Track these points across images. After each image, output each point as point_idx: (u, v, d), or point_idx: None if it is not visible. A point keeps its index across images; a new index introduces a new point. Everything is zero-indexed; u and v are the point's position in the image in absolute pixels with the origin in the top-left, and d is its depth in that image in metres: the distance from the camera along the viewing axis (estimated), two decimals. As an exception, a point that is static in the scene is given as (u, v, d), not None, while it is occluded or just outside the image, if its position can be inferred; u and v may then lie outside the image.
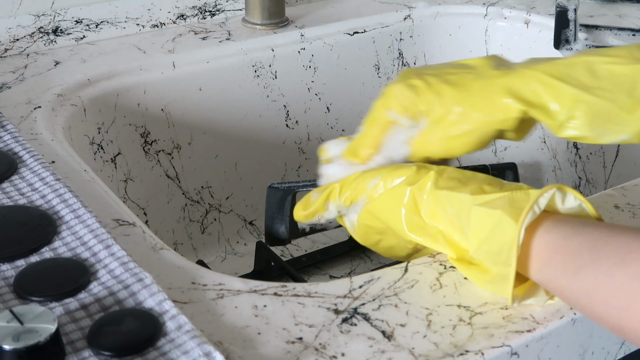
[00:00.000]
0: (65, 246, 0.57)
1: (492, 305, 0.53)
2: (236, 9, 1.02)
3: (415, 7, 1.06)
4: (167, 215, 0.94)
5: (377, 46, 1.03)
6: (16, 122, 0.75)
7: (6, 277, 0.54)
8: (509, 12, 1.05)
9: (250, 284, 0.55)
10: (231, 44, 0.95)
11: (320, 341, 0.50)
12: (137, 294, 0.52)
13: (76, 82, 0.84)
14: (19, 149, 0.68)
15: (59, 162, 0.69)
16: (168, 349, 0.47)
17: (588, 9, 1.05)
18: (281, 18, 0.99)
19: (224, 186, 0.97)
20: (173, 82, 0.91)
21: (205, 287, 0.55)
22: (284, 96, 0.99)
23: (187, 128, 0.93)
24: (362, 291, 0.55)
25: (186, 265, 0.57)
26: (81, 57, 0.90)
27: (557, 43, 0.96)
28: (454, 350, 0.50)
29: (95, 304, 0.51)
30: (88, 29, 0.93)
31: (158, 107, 0.90)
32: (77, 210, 0.60)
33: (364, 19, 1.03)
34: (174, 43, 0.94)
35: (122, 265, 0.54)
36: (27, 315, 0.47)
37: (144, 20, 0.96)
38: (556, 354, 0.53)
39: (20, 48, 0.90)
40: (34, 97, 0.80)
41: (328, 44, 1.00)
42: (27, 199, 0.62)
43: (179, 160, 0.93)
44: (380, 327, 0.51)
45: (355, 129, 0.67)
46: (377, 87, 1.05)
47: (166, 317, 0.50)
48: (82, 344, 0.48)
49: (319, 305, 0.53)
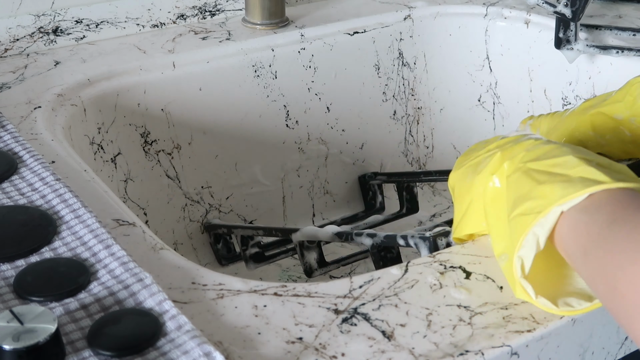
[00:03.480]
0: (65, 246, 0.57)
1: (492, 305, 0.53)
2: (236, 9, 1.02)
3: (415, 7, 1.06)
4: (167, 215, 0.94)
5: (377, 46, 1.03)
6: (16, 122, 0.75)
7: (6, 277, 0.54)
8: (509, 12, 1.05)
9: (250, 284, 0.55)
10: (231, 44, 0.95)
11: (320, 341, 0.50)
12: (137, 294, 0.52)
13: (76, 82, 0.84)
14: (19, 149, 0.68)
15: (59, 162, 0.69)
16: (168, 349, 0.47)
17: (588, 9, 1.05)
18: (281, 18, 0.99)
19: (224, 186, 0.97)
20: (173, 82, 0.91)
21: (205, 287, 0.55)
22: (284, 96, 0.99)
23: (187, 128, 0.93)
24: (362, 291, 0.55)
25: (186, 265, 0.57)
26: (81, 57, 0.90)
27: (558, 43, 0.96)
28: (454, 350, 0.50)
29: (95, 304, 0.51)
30: (88, 29, 0.93)
31: (158, 107, 0.90)
32: (77, 210, 0.60)
33: (364, 19, 1.03)
34: (174, 43, 0.94)
35: (122, 265, 0.54)
36: (27, 315, 0.47)
37: (144, 20, 0.96)
38: (556, 354, 0.53)
39: (20, 48, 0.90)
40: (34, 97, 0.80)
41: (328, 44, 1.00)
42: (27, 199, 0.62)
43: (179, 160, 0.93)
44: (380, 327, 0.51)
45: (355, 129, 0.67)
46: (377, 87, 1.05)
47: (166, 317, 0.50)
48: (82, 344, 0.48)
49: (319, 305, 0.53)
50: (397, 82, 1.07)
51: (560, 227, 0.51)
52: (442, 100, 1.10)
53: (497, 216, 0.56)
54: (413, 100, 1.09)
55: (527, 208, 0.52)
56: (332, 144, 1.04)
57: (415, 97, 1.09)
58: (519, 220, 0.52)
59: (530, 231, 0.51)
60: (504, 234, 0.55)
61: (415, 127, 1.10)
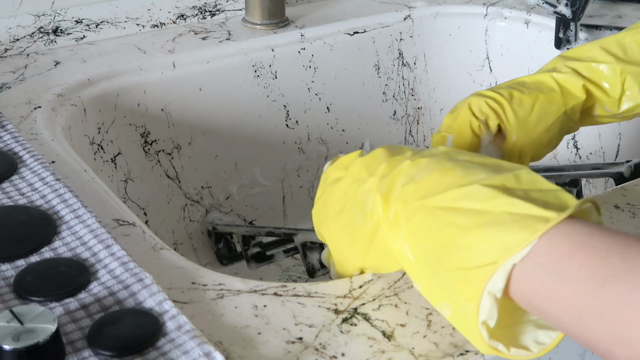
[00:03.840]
0: (65, 246, 0.57)
1: (492, 305, 0.53)
2: (236, 9, 1.02)
3: (415, 7, 1.06)
4: (167, 215, 0.94)
5: (377, 46, 1.03)
6: (16, 122, 0.75)
7: (6, 277, 0.54)
8: (509, 12, 1.05)
9: (250, 284, 0.55)
10: (231, 44, 0.95)
11: (320, 341, 0.50)
12: (137, 294, 0.52)
13: (76, 82, 0.84)
14: (19, 149, 0.68)
15: (59, 162, 0.69)
16: (168, 349, 0.47)
17: (588, 9, 1.05)
18: (281, 18, 0.99)
19: (224, 186, 0.97)
20: (173, 82, 0.91)
21: (205, 287, 0.55)
22: (284, 96, 0.99)
23: (187, 128, 0.93)
24: (362, 291, 0.55)
25: (186, 265, 0.57)
26: (81, 57, 0.90)
27: (558, 43, 0.96)
28: (454, 350, 0.50)
29: (95, 304, 0.51)
30: (88, 29, 0.93)
31: (158, 107, 0.90)
32: (77, 210, 0.60)
33: (364, 19, 1.03)
34: (174, 43, 0.94)
35: (122, 265, 0.54)
36: (27, 315, 0.47)
37: (144, 20, 0.96)
38: (556, 354, 0.53)
39: (20, 48, 0.90)
40: (34, 97, 0.80)
41: (328, 44, 1.00)
42: (27, 199, 0.62)
43: (179, 160, 0.93)
44: (380, 327, 0.51)
45: (355, 129, 0.67)
46: (377, 87, 1.05)
47: (166, 317, 0.50)
48: (82, 344, 0.48)
49: (319, 305, 0.53)
50: (397, 82, 1.07)
51: (518, 281, 0.45)
52: (442, 100, 1.10)
53: (411, 260, 0.51)
54: (413, 100, 1.09)
55: (462, 260, 0.46)
56: (332, 144, 1.04)
57: (415, 97, 1.09)
58: (456, 274, 0.47)
59: (484, 293, 0.45)
60: (432, 282, 0.49)
61: (415, 127, 1.10)
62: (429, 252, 0.49)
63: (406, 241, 0.50)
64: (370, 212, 0.53)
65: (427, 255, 0.49)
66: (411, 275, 0.51)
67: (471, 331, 0.47)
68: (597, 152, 0.99)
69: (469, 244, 0.46)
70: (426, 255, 0.49)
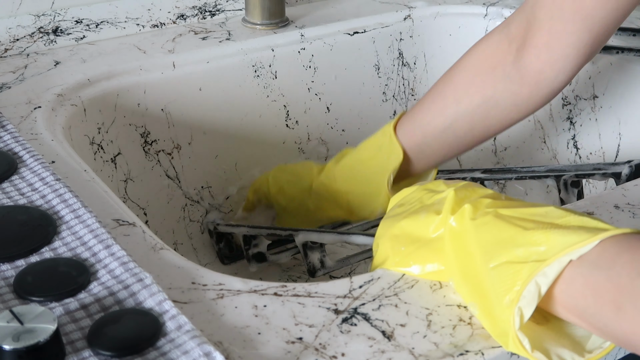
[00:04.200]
0: (65, 246, 0.57)
1: (492, 305, 0.53)
2: (236, 9, 1.02)
3: (415, 7, 1.06)
4: (167, 215, 0.94)
5: (377, 46, 1.03)
6: (16, 122, 0.75)
7: (6, 277, 0.54)
8: (509, 12, 1.05)
9: (250, 284, 0.55)
10: (231, 44, 0.95)
11: (320, 341, 0.50)
12: (137, 294, 0.52)
13: (76, 82, 0.84)
14: (19, 149, 0.68)
15: (59, 162, 0.69)
16: (168, 349, 0.47)
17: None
18: (281, 18, 0.99)
19: (224, 186, 0.97)
20: (173, 82, 0.91)
21: (205, 287, 0.55)
22: (284, 96, 0.99)
23: (187, 128, 0.93)
24: (362, 291, 0.55)
25: (186, 265, 0.57)
26: (81, 57, 0.90)
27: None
28: (454, 350, 0.50)
29: (95, 304, 0.51)
30: (88, 29, 0.93)
31: (158, 107, 0.90)
32: (77, 210, 0.60)
33: (364, 19, 1.03)
34: (174, 43, 0.94)
35: (122, 265, 0.54)
36: (27, 315, 0.47)
37: (144, 20, 0.96)
38: None
39: (20, 48, 0.90)
40: (34, 97, 0.80)
41: (328, 44, 1.00)
42: (27, 199, 0.62)
43: (179, 160, 0.93)
44: (380, 327, 0.51)
45: (355, 129, 0.67)
46: (377, 87, 1.05)
47: (166, 317, 0.50)
48: (82, 344, 0.48)
49: (319, 305, 0.53)
50: (397, 82, 1.07)
51: (567, 279, 0.48)
52: (442, 100, 1.10)
53: (458, 256, 0.53)
54: (413, 100, 1.09)
55: (520, 256, 0.49)
56: (332, 144, 1.04)
57: (415, 97, 1.09)
58: (507, 268, 0.49)
59: (532, 280, 0.48)
60: (472, 279, 0.52)
61: (415, 127, 1.10)
62: (486, 247, 0.51)
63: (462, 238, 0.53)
64: (438, 206, 0.56)
65: (483, 249, 0.51)
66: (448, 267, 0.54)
67: (486, 318, 0.50)
68: (597, 152, 0.98)
69: (531, 242, 0.49)
70: (483, 249, 0.51)
